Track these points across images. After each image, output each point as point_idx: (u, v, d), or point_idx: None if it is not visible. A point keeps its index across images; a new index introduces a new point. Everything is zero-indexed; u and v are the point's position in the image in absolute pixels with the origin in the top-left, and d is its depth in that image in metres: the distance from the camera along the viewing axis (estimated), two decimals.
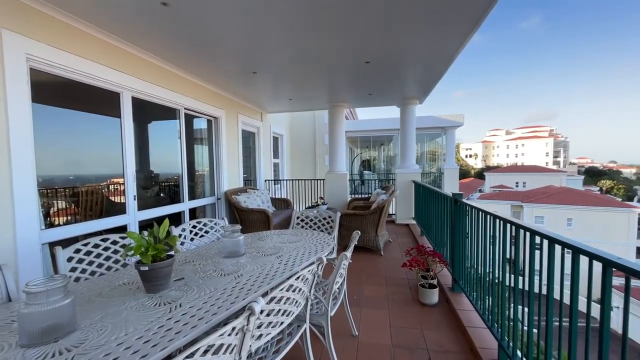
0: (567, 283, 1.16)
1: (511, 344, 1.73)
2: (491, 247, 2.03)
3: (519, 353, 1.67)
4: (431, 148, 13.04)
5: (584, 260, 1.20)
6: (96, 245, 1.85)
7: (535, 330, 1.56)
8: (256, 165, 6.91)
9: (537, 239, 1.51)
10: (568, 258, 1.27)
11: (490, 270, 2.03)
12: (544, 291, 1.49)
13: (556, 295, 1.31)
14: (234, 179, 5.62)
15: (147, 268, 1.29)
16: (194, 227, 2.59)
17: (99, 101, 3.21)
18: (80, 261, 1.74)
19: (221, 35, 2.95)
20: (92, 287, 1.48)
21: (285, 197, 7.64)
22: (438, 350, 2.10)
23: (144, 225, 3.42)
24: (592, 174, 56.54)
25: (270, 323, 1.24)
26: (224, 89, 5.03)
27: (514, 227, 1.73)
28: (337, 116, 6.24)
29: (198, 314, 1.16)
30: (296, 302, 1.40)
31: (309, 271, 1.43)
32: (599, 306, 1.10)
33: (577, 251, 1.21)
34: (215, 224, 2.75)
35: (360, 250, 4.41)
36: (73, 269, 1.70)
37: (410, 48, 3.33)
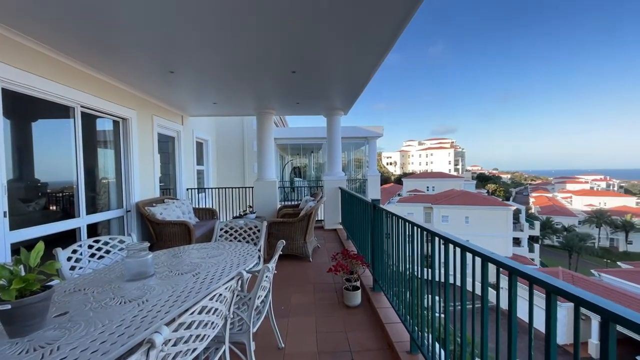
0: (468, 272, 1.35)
1: (420, 333, 1.92)
2: (403, 246, 2.25)
3: (426, 341, 1.87)
4: (357, 156, 13.92)
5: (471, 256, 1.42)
6: None
7: (437, 315, 1.78)
8: (176, 172, 6.30)
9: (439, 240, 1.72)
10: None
11: (403, 268, 2.24)
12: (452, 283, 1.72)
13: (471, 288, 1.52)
14: (149, 188, 5.00)
15: (8, 306, 1.02)
16: (91, 246, 2.19)
17: None
18: None
19: (127, 27, 2.61)
20: None
21: (211, 206, 7.14)
22: (359, 350, 2.21)
23: (24, 248, 2.73)
24: (482, 179, 69.00)
25: (179, 352, 1.11)
26: (136, 87, 4.46)
27: (418, 229, 1.94)
28: (266, 123, 6.15)
29: (82, 357, 0.96)
30: (212, 323, 1.29)
31: (226, 288, 1.34)
32: (493, 292, 1.32)
33: (464, 249, 1.42)
34: (119, 241, 2.37)
35: (289, 258, 4.39)
36: None
37: (332, 62, 3.51)
